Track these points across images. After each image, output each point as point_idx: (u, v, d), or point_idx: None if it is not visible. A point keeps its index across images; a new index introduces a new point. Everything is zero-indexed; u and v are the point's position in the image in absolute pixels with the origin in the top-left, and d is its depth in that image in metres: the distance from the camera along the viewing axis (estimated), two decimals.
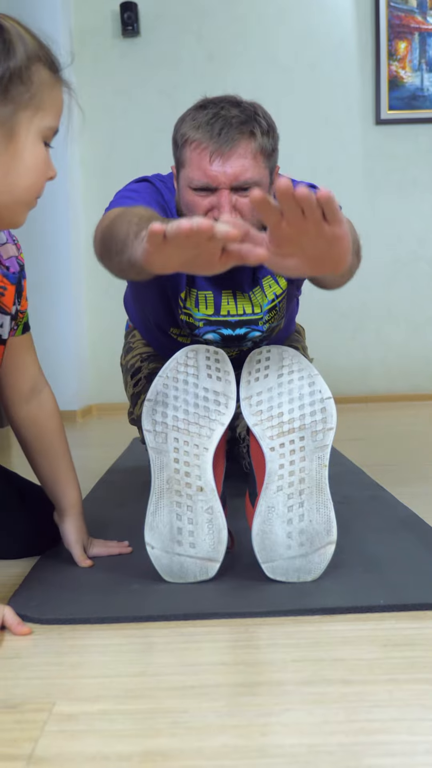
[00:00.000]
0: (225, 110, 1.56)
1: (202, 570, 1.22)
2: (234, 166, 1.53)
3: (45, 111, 1.07)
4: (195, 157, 1.55)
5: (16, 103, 1.03)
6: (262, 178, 1.57)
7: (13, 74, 1.02)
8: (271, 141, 1.59)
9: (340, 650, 0.99)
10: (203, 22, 4.11)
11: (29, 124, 1.05)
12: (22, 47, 1.04)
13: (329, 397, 1.26)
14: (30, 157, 1.06)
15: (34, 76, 1.05)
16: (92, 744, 0.78)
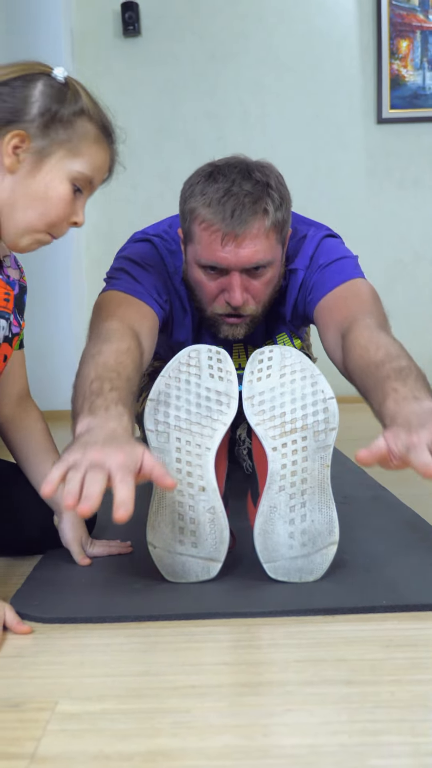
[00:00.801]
0: (236, 186, 1.46)
1: (204, 570, 1.22)
2: (247, 249, 1.46)
3: (79, 157, 1.19)
4: (205, 237, 1.47)
5: (52, 140, 1.17)
6: (274, 257, 1.52)
7: (56, 116, 1.17)
8: (284, 212, 1.51)
9: (342, 651, 0.99)
10: (204, 22, 4.11)
11: (59, 161, 1.18)
12: (74, 101, 1.19)
13: (332, 397, 1.26)
14: (50, 189, 1.18)
15: (78, 126, 1.19)
16: (94, 743, 0.78)
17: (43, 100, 1.17)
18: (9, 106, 1.16)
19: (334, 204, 4.11)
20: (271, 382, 1.29)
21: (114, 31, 4.12)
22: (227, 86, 4.12)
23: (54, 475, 1.00)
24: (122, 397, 1.18)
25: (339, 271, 1.59)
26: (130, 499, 0.97)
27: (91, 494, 0.97)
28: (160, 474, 1.04)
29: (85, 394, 1.20)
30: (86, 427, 1.11)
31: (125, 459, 1.01)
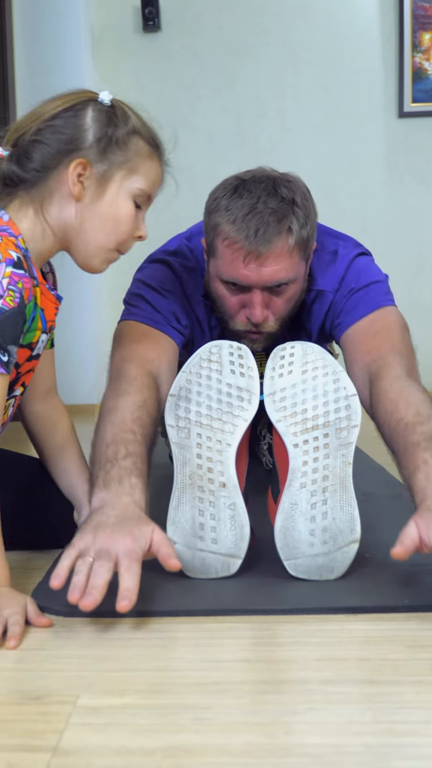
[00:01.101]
0: (262, 203, 1.44)
1: (224, 566, 1.22)
2: (269, 268, 1.45)
3: (138, 175, 1.26)
4: (228, 254, 1.46)
5: (111, 163, 1.23)
6: (297, 275, 1.51)
7: (112, 139, 1.23)
8: (309, 230, 1.49)
9: (365, 650, 0.98)
10: (224, 17, 4.10)
11: (121, 182, 1.24)
12: (125, 122, 1.25)
13: (354, 394, 1.26)
14: (117, 210, 1.25)
15: (132, 145, 1.25)
16: (116, 738, 0.78)
17: (96, 126, 1.22)
18: (65, 137, 1.21)
19: (353, 198, 4.10)
20: (292, 378, 1.29)
21: (134, 26, 4.13)
22: (246, 81, 4.11)
23: (64, 564, 1.06)
24: (137, 464, 1.23)
25: (369, 298, 1.58)
26: (134, 589, 1.02)
27: (95, 586, 1.02)
28: (165, 555, 1.09)
29: (101, 460, 1.25)
30: (100, 502, 1.17)
31: (132, 544, 1.07)
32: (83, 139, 1.22)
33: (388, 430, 1.33)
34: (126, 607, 1.00)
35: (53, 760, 0.74)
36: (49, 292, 1.29)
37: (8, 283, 1.13)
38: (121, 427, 1.30)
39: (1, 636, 1.01)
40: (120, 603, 1.00)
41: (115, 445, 1.26)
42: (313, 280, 1.62)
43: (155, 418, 1.38)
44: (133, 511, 1.15)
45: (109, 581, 1.02)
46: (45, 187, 1.22)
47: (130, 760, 0.74)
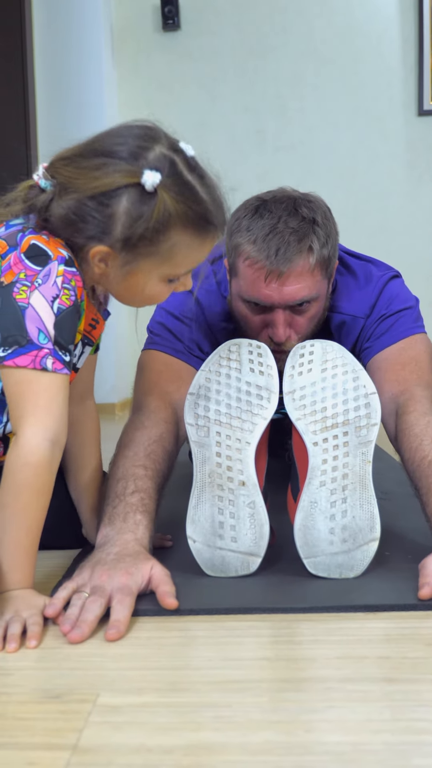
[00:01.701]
0: (282, 222, 1.44)
1: (244, 564, 1.22)
2: (291, 287, 1.44)
3: (173, 264, 1.18)
4: (249, 274, 1.46)
5: (143, 255, 1.15)
6: (319, 293, 1.50)
7: (141, 236, 1.12)
8: (330, 249, 1.48)
9: (384, 648, 0.98)
10: (243, 15, 4.10)
11: (150, 271, 1.17)
12: (162, 215, 1.12)
13: (373, 392, 1.26)
14: (146, 292, 1.21)
15: (168, 239, 1.14)
16: (136, 736, 0.78)
17: (126, 220, 1.12)
18: (94, 223, 1.13)
19: (373, 196, 4.08)
20: (312, 376, 1.29)
21: (153, 25, 4.13)
22: (266, 80, 4.10)
23: (60, 595, 1.09)
24: (143, 500, 1.26)
25: (399, 324, 1.59)
26: (124, 621, 1.04)
27: (85, 620, 1.03)
28: (163, 593, 1.11)
29: (110, 495, 1.28)
30: (104, 539, 1.21)
31: (127, 581, 1.09)
32: (111, 230, 1.12)
33: (412, 467, 1.33)
34: (113, 636, 1.01)
35: (73, 759, 0.74)
36: (90, 301, 1.27)
37: (62, 282, 1.12)
38: (134, 461, 1.33)
39: (20, 636, 1.01)
40: (108, 631, 1.02)
41: (125, 480, 1.29)
42: (345, 305, 1.62)
43: (171, 452, 1.41)
44: (133, 548, 1.17)
45: (100, 617, 1.04)
46: (75, 245, 1.16)
47: (149, 759, 0.74)
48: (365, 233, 4.04)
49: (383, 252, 4.04)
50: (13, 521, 1.08)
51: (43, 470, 1.09)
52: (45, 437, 1.09)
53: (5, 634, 1.01)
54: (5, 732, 0.79)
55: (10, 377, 1.11)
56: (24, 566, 1.09)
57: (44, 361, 1.10)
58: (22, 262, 1.12)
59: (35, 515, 1.10)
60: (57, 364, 1.11)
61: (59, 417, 1.12)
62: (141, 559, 1.14)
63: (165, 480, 1.35)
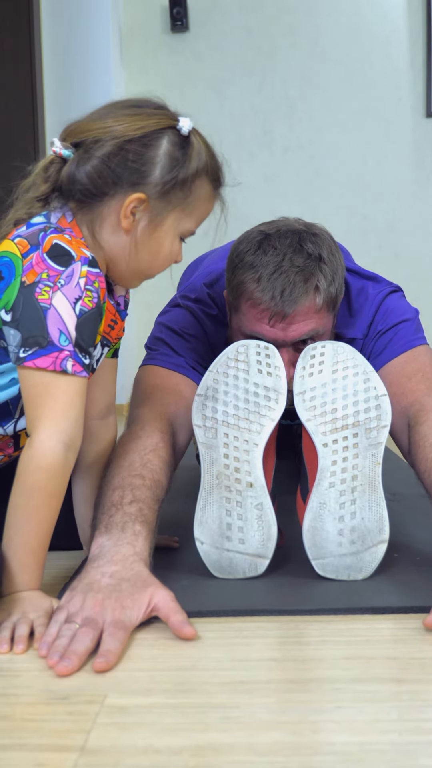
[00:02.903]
0: (287, 260, 1.38)
1: (252, 566, 1.22)
2: (297, 330, 1.40)
3: (192, 216, 1.23)
4: (253, 314, 1.41)
5: (172, 204, 1.19)
6: (325, 329, 1.45)
7: (178, 181, 1.18)
8: (336, 286, 1.43)
9: (392, 649, 0.98)
10: (252, 16, 4.10)
11: (175, 222, 1.21)
12: (197, 161, 1.20)
13: (384, 394, 1.25)
14: (164, 248, 1.22)
15: (196, 188, 1.21)
16: (143, 737, 0.78)
17: (166, 162, 1.17)
18: (133, 168, 1.16)
19: (381, 197, 4.08)
20: (323, 377, 1.28)
21: (162, 26, 4.13)
22: (274, 81, 4.10)
23: (52, 631, 1.00)
24: (142, 511, 1.19)
25: (398, 338, 1.53)
26: (115, 652, 0.96)
27: (74, 652, 0.95)
28: (178, 624, 1.02)
29: (106, 504, 1.21)
30: (99, 549, 1.13)
31: (121, 615, 1.01)
32: (150, 173, 1.16)
33: (430, 480, 1.28)
34: (101, 665, 0.93)
35: (80, 760, 0.74)
36: (109, 301, 1.26)
37: (86, 283, 1.12)
38: (129, 471, 1.26)
39: (28, 637, 1.01)
40: (96, 660, 0.94)
41: (122, 490, 1.22)
42: (343, 328, 1.57)
43: (168, 462, 1.34)
44: (131, 568, 1.09)
45: (90, 650, 0.96)
46: (98, 211, 1.18)
47: (157, 760, 0.74)
48: (373, 234, 4.03)
49: (391, 253, 4.05)
50: (23, 523, 1.08)
51: (55, 474, 1.08)
52: (59, 440, 1.08)
53: (13, 635, 1.02)
54: (13, 733, 0.80)
55: (29, 378, 1.10)
56: (32, 568, 1.09)
57: (64, 363, 1.09)
58: (44, 262, 1.11)
59: (46, 518, 1.09)
60: (77, 367, 1.10)
61: (75, 420, 1.11)
62: (139, 586, 1.06)
63: (163, 491, 1.28)
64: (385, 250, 4.05)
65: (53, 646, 0.97)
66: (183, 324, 1.58)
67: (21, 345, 1.10)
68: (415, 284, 3.92)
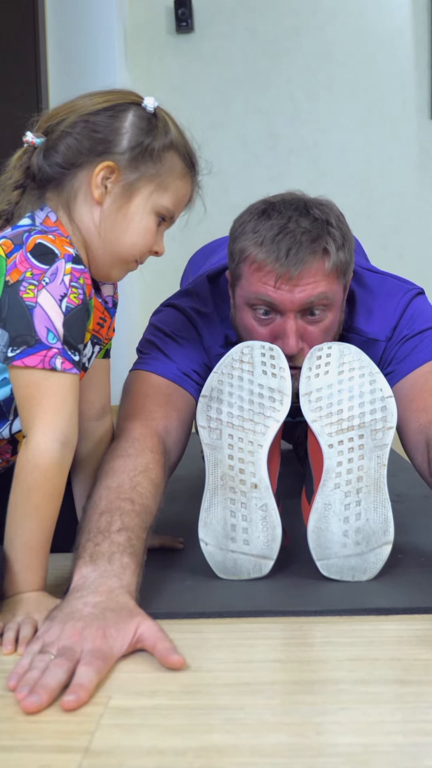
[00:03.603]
0: (293, 222, 1.31)
1: (256, 567, 1.22)
2: (304, 291, 1.31)
3: (165, 192, 1.21)
4: (256, 278, 1.33)
5: (141, 173, 1.19)
6: (335, 298, 1.36)
7: (146, 149, 1.18)
8: (346, 254, 1.36)
9: (396, 650, 0.98)
10: (257, 18, 4.10)
11: (147, 195, 1.20)
12: (164, 134, 1.20)
13: (390, 395, 1.25)
14: (138, 222, 1.21)
15: (166, 161, 1.20)
16: (148, 738, 0.78)
17: (133, 132, 1.18)
18: (100, 137, 1.18)
19: (386, 199, 4.08)
20: (329, 378, 1.28)
21: (167, 27, 4.14)
22: (279, 82, 4.11)
23: (23, 662, 0.91)
24: (131, 541, 1.11)
25: (423, 346, 1.44)
26: (88, 686, 0.86)
27: (44, 686, 0.85)
28: (165, 651, 0.94)
29: (92, 530, 1.12)
30: (82, 580, 1.04)
31: (102, 645, 0.93)
32: (117, 142, 1.18)
33: None
34: (70, 704, 0.83)
35: (85, 761, 0.74)
36: (96, 299, 1.26)
37: (70, 280, 1.11)
38: (118, 494, 1.18)
39: (32, 638, 1.01)
40: (65, 698, 0.84)
41: (110, 515, 1.14)
42: (363, 326, 1.48)
43: (159, 484, 1.26)
44: (117, 599, 1.00)
45: (63, 683, 0.86)
46: (71, 187, 1.19)
47: (161, 761, 0.74)
48: (378, 235, 4.03)
49: (396, 254, 4.04)
50: (24, 524, 1.08)
51: (53, 473, 1.09)
52: (55, 439, 1.08)
53: (17, 636, 1.02)
54: (17, 735, 0.80)
55: (19, 378, 1.10)
56: (35, 568, 1.09)
57: (53, 361, 1.09)
58: (27, 261, 1.11)
59: (46, 518, 1.09)
60: (66, 364, 1.10)
61: (69, 418, 1.11)
62: (124, 616, 0.97)
63: (152, 518, 1.20)
64: (389, 252, 4.04)
65: (23, 679, 0.88)
66: (175, 326, 1.51)
67: (9, 344, 1.10)
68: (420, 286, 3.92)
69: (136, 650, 0.98)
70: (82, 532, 1.14)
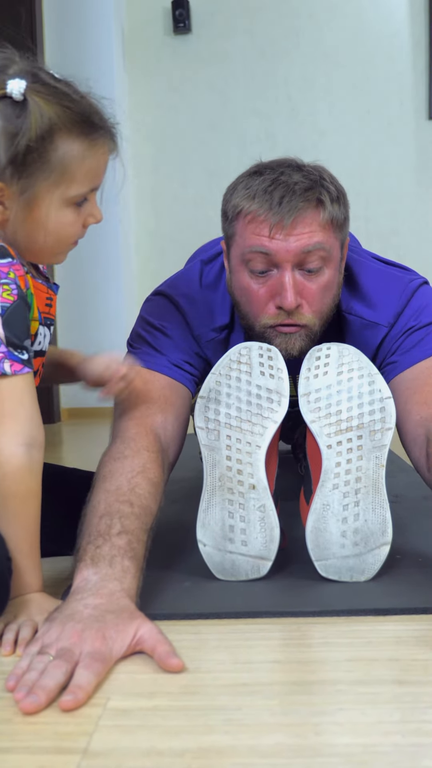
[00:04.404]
0: (285, 176, 1.31)
1: (254, 568, 1.22)
2: (299, 239, 1.29)
3: (71, 180, 1.09)
4: (250, 230, 1.31)
5: (33, 178, 1.06)
6: (332, 253, 1.34)
7: (26, 152, 1.04)
8: (342, 209, 1.34)
9: (394, 650, 0.98)
10: (254, 19, 4.11)
11: (49, 196, 1.09)
12: (38, 124, 1.04)
13: (389, 396, 1.25)
14: (52, 224, 1.11)
15: (56, 149, 1.06)
16: (146, 739, 0.78)
17: (4, 141, 1.04)
18: None
19: (384, 200, 4.08)
20: (328, 379, 1.28)
21: (164, 28, 4.14)
22: (277, 83, 4.11)
23: (22, 664, 0.92)
24: (131, 544, 1.10)
25: (430, 339, 1.43)
26: (86, 688, 0.87)
27: (42, 687, 0.86)
28: (164, 654, 0.94)
29: (92, 533, 1.12)
30: (83, 582, 1.04)
31: (100, 647, 0.93)
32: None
33: None
34: (69, 704, 0.84)
35: (83, 762, 0.74)
36: (37, 281, 1.19)
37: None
38: (117, 496, 1.17)
39: (30, 640, 1.01)
40: (63, 698, 0.84)
41: (109, 518, 1.13)
42: (363, 308, 1.46)
43: (157, 483, 1.25)
44: (117, 602, 1.01)
45: (61, 685, 0.87)
46: None
47: (159, 762, 0.74)
48: (376, 237, 4.04)
49: (394, 255, 4.04)
50: (9, 531, 1.07)
51: (23, 477, 1.06)
52: (18, 443, 1.06)
53: (17, 637, 1.02)
54: (16, 736, 0.80)
55: None
56: (31, 570, 1.09)
57: (1, 366, 1.06)
58: None
59: (28, 520, 1.08)
60: (15, 366, 1.07)
61: (29, 419, 1.08)
62: (124, 618, 0.98)
63: (152, 518, 1.20)
64: (388, 253, 4.03)
65: (22, 680, 0.88)
66: (164, 317, 1.49)
67: None
68: None
69: (135, 652, 0.98)
70: (82, 536, 1.13)
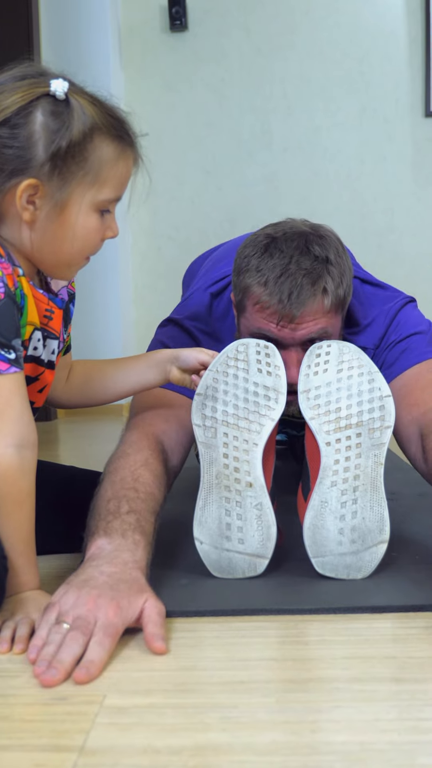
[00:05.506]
0: (294, 263, 1.37)
1: (251, 566, 1.22)
2: (305, 329, 1.39)
3: (102, 185, 1.12)
4: (260, 317, 1.40)
5: (69, 179, 1.08)
6: (334, 330, 1.43)
7: (68, 151, 1.06)
8: (344, 288, 1.42)
9: (391, 648, 0.98)
10: (251, 16, 4.10)
11: (81, 198, 1.10)
12: (80, 124, 1.07)
13: (388, 395, 1.25)
14: (79, 228, 1.12)
15: (93, 150, 1.09)
16: (143, 737, 0.78)
17: (46, 136, 1.06)
18: (11, 154, 1.06)
19: (380, 197, 4.08)
20: (327, 376, 1.28)
21: (161, 26, 4.14)
22: (273, 80, 4.11)
23: (41, 633, 0.96)
24: (140, 522, 1.16)
25: (411, 349, 1.51)
26: (98, 662, 0.92)
27: (61, 661, 0.91)
28: (150, 635, 0.98)
29: (101, 513, 1.17)
30: (98, 550, 1.10)
31: (114, 617, 0.97)
32: (33, 155, 1.06)
33: None
34: (82, 677, 0.89)
35: (80, 760, 0.74)
36: (37, 291, 1.19)
37: None
38: (122, 485, 1.24)
39: (28, 638, 1.01)
40: (77, 672, 0.90)
41: (117, 501, 1.20)
42: (353, 336, 1.55)
43: (160, 476, 1.31)
44: (130, 572, 1.06)
45: (78, 657, 0.92)
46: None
47: (156, 759, 0.74)
48: (372, 234, 4.04)
49: (390, 253, 4.05)
50: (4, 532, 1.06)
51: (14, 478, 1.06)
52: (8, 444, 1.05)
53: (14, 635, 1.01)
54: (12, 734, 0.80)
55: None
56: (27, 568, 1.08)
57: None
58: None
59: (23, 520, 1.08)
60: (2, 365, 1.06)
61: (18, 419, 1.07)
62: (135, 589, 1.02)
63: (158, 505, 1.26)
64: (384, 250, 4.05)
65: (41, 654, 0.93)
66: (177, 341, 1.56)
67: None
68: (413, 284, 3.93)
69: (131, 649, 0.98)
70: (92, 517, 1.19)
